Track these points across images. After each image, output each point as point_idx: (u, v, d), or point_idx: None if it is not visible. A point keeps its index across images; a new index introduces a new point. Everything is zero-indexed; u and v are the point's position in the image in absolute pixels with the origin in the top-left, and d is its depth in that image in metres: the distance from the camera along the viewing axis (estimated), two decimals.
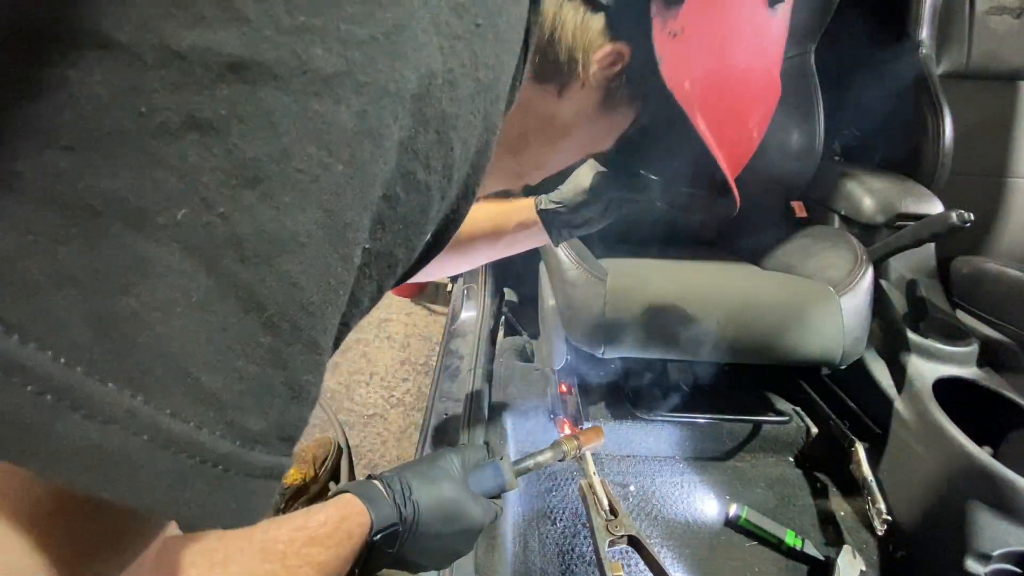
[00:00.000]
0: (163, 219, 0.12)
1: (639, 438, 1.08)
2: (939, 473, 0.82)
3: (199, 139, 0.12)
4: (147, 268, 0.11)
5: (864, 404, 1.02)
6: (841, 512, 0.97)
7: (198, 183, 0.12)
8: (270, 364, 0.14)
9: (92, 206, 0.11)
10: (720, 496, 1.00)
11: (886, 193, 1.05)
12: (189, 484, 0.13)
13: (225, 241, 0.12)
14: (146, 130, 0.11)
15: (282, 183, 0.13)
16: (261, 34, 0.12)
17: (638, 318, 0.88)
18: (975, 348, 0.94)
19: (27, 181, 0.10)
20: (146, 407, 0.12)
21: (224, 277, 0.12)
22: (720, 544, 0.91)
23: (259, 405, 0.14)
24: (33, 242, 0.10)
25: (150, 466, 0.12)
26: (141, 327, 0.11)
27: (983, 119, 1.21)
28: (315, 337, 0.15)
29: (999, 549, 0.72)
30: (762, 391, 1.17)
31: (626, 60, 0.34)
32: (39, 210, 0.11)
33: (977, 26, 1.20)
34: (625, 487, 1.02)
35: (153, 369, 0.12)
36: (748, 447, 1.09)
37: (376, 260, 0.18)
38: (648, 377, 1.19)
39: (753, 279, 1.04)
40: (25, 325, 0.10)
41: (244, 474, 0.14)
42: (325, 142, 0.14)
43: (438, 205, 0.20)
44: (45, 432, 0.11)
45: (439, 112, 0.17)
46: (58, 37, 0.11)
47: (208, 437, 0.13)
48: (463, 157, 0.20)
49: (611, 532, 0.82)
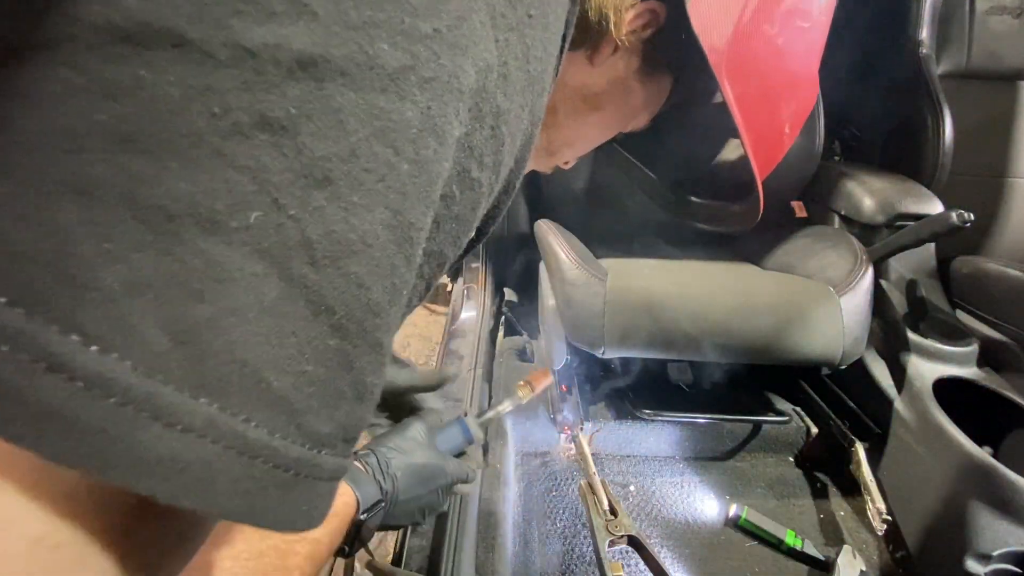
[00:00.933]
0: (236, 222, 0.11)
1: (639, 438, 1.08)
2: (939, 473, 0.82)
3: (270, 139, 0.12)
4: (221, 273, 0.11)
5: (864, 404, 1.02)
6: (841, 512, 0.97)
7: (270, 185, 0.12)
8: (338, 366, 0.14)
9: (167, 210, 0.11)
10: (720, 496, 1.00)
11: (886, 193, 1.05)
12: (264, 490, 0.13)
13: (296, 244, 0.12)
14: (219, 131, 0.11)
15: (350, 183, 0.13)
16: (330, 30, 0.12)
17: (638, 318, 0.88)
18: (975, 348, 0.94)
19: (105, 186, 0.10)
20: (222, 415, 0.12)
21: (295, 280, 0.12)
22: (720, 544, 0.91)
23: (327, 408, 0.14)
24: (110, 250, 0.10)
25: (227, 473, 0.12)
26: (216, 334, 0.11)
27: (983, 119, 1.21)
28: (380, 338, 0.15)
29: (999, 549, 0.72)
30: (762, 391, 1.17)
31: (660, 20, 0.33)
32: (116, 216, 0.10)
33: (977, 26, 1.20)
34: (625, 487, 1.02)
35: (228, 376, 0.12)
36: (748, 447, 1.09)
37: (428, 259, 0.17)
38: (648, 377, 1.19)
39: (753, 279, 1.04)
40: (105, 336, 0.10)
41: (313, 477, 0.14)
42: (391, 140, 0.13)
43: (486, 201, 0.19)
44: (128, 444, 0.11)
45: (494, 107, 0.17)
46: (130, 36, 0.11)
47: (281, 442, 0.13)
48: (510, 152, 0.19)
49: (611, 532, 0.82)
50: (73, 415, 0.10)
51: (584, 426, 1.04)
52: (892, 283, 1.05)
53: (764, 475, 1.05)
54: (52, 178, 0.10)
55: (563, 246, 0.98)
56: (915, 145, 1.17)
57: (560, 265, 0.95)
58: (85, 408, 0.10)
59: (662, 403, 1.07)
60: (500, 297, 1.33)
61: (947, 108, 1.13)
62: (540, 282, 1.15)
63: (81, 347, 0.10)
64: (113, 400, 0.10)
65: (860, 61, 1.32)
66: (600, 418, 1.08)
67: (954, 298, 1.13)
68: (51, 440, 0.10)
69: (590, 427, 1.07)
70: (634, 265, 1.08)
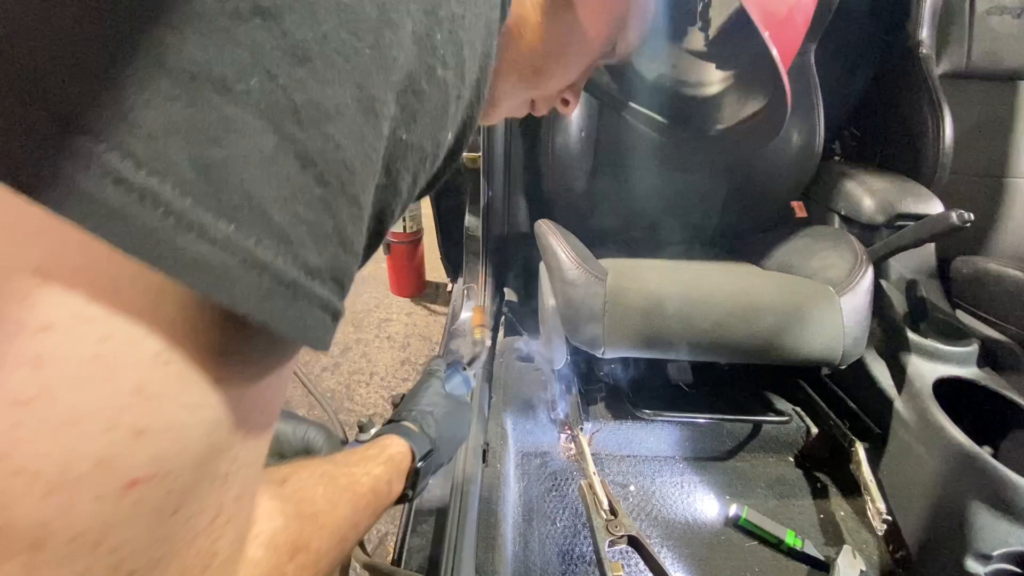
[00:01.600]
0: (241, 86, 0.15)
1: (639, 438, 1.08)
2: (939, 473, 0.82)
3: (262, 23, 0.15)
4: (230, 125, 0.15)
5: (864, 404, 1.02)
6: (841, 512, 0.97)
7: (264, 58, 0.15)
8: (323, 211, 0.17)
9: (191, 72, 0.14)
10: (720, 496, 1.00)
11: (886, 193, 1.05)
12: (271, 299, 0.16)
13: (286, 107, 0.15)
14: (224, 12, 0.14)
15: (324, 62, 0.16)
16: None
17: (638, 318, 0.88)
18: (975, 348, 0.94)
19: (147, 53, 0.14)
20: (238, 234, 0.15)
21: (286, 137, 0.16)
22: (720, 544, 0.91)
23: (317, 245, 0.17)
24: (148, 100, 0.14)
25: (244, 281, 0.15)
26: (230, 171, 0.15)
27: (983, 119, 1.21)
28: (356, 193, 0.18)
29: (999, 549, 0.72)
30: (762, 391, 1.17)
31: None
32: (154, 75, 0.14)
33: (977, 26, 1.20)
34: (625, 487, 1.02)
35: (241, 205, 0.15)
36: (748, 447, 1.09)
37: (411, 152, 0.21)
38: (648, 377, 1.19)
39: (753, 279, 1.04)
40: (151, 162, 0.13)
41: (307, 300, 0.17)
42: (354, 29, 0.17)
43: (455, 104, 0.23)
44: (172, 245, 0.14)
45: (449, 13, 0.20)
46: None
47: (282, 264, 0.16)
48: (471, 57, 0.23)
49: (611, 532, 0.82)
50: (134, 218, 0.13)
51: (584, 426, 1.04)
52: (892, 283, 1.06)
53: (764, 475, 1.05)
54: (109, 48, 0.13)
55: (563, 246, 0.98)
56: (915, 145, 1.17)
57: (560, 265, 0.95)
58: (142, 214, 0.13)
59: (662, 403, 1.08)
60: (500, 297, 1.34)
61: (947, 108, 1.13)
62: (540, 282, 1.15)
63: (134, 169, 0.13)
64: (160, 211, 0.13)
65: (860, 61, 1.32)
66: (600, 418, 1.08)
67: (954, 298, 1.13)
68: (118, 233, 0.13)
69: (590, 427, 1.07)
70: (634, 265, 1.08)
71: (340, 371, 1.46)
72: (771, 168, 1.16)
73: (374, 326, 1.66)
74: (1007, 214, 1.22)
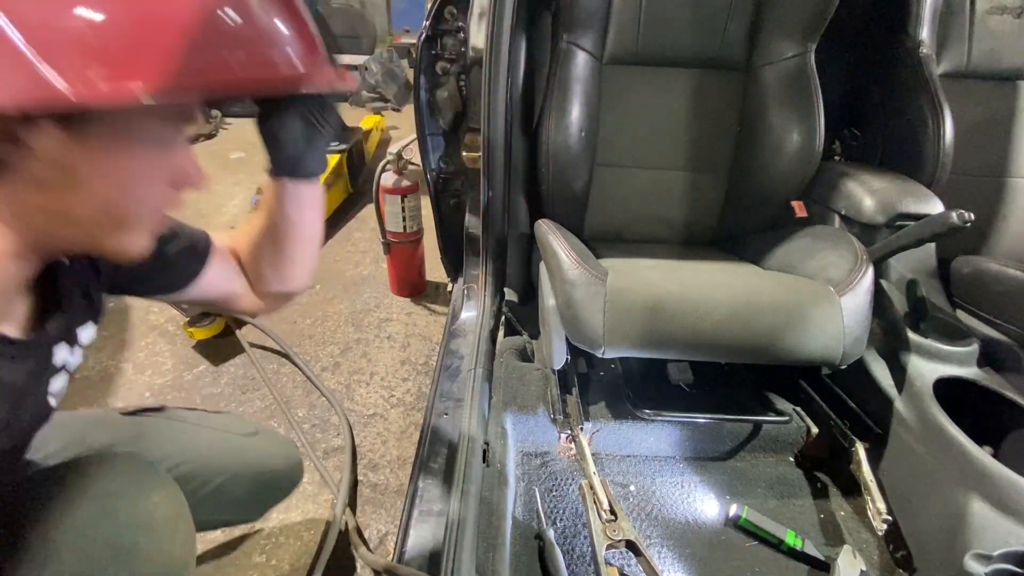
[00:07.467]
0: None
1: (639, 438, 1.08)
2: (939, 473, 0.82)
3: None
4: None
5: (864, 404, 1.02)
6: (841, 512, 0.97)
7: None
8: None
9: None
10: (720, 496, 1.00)
11: (886, 193, 1.05)
12: None
13: None
14: None
15: None
16: None
17: (638, 318, 0.88)
18: (975, 348, 0.94)
19: None
20: None
21: None
22: (720, 544, 0.91)
23: None
24: None
25: None
26: None
27: (983, 119, 1.21)
28: None
29: (999, 549, 0.72)
30: (762, 391, 1.17)
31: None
32: None
33: (977, 26, 1.20)
34: (625, 487, 1.02)
35: None
36: (748, 447, 1.09)
37: None
38: (648, 377, 1.19)
39: (753, 279, 1.04)
40: None
41: None
42: None
43: None
44: None
45: None
46: None
47: None
48: None
49: (609, 536, 0.82)
50: None
51: (584, 426, 1.04)
52: (892, 283, 1.05)
53: (764, 475, 1.05)
54: None
55: (563, 246, 0.98)
56: (915, 145, 1.17)
57: (560, 265, 0.95)
58: None
59: (662, 403, 1.07)
60: (500, 297, 1.33)
61: (947, 108, 1.12)
62: (540, 282, 1.15)
63: None
64: None
65: (860, 61, 1.32)
66: (600, 418, 1.08)
67: (954, 298, 1.13)
68: None
69: (590, 427, 1.07)
70: (634, 265, 1.08)
71: (340, 371, 1.46)
72: (771, 168, 1.16)
73: (374, 326, 1.66)
74: (1007, 214, 1.22)
